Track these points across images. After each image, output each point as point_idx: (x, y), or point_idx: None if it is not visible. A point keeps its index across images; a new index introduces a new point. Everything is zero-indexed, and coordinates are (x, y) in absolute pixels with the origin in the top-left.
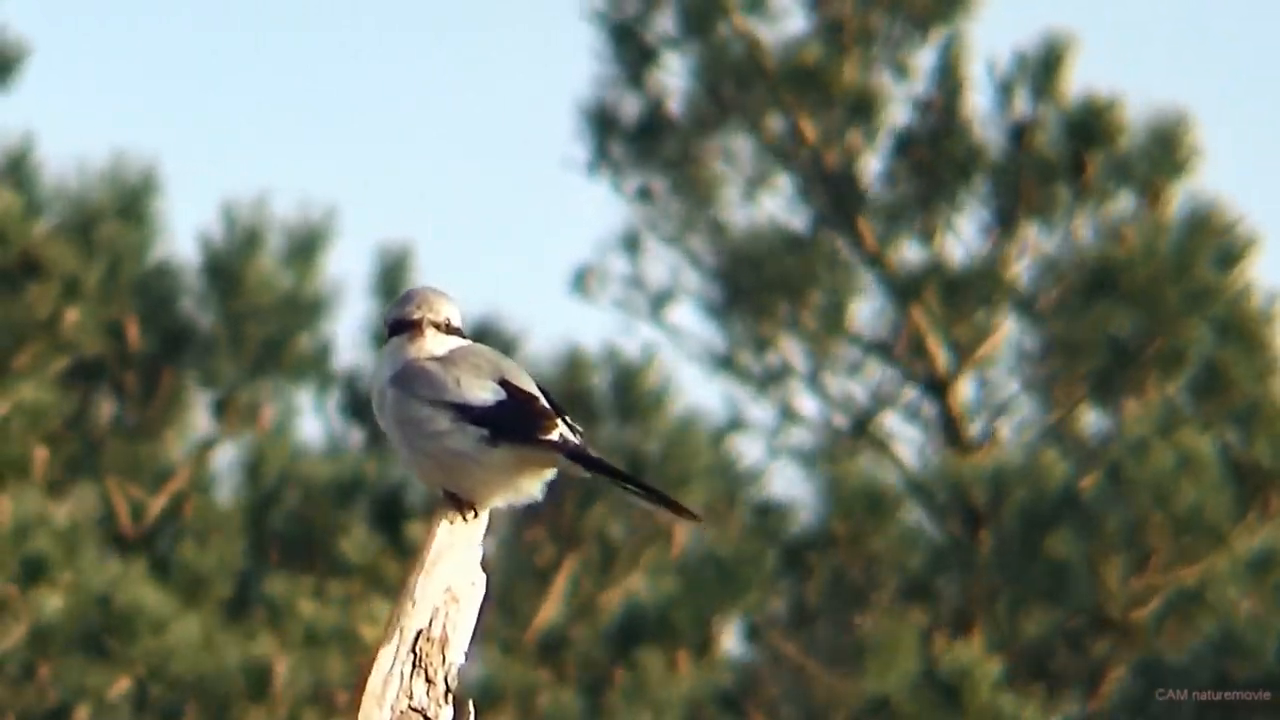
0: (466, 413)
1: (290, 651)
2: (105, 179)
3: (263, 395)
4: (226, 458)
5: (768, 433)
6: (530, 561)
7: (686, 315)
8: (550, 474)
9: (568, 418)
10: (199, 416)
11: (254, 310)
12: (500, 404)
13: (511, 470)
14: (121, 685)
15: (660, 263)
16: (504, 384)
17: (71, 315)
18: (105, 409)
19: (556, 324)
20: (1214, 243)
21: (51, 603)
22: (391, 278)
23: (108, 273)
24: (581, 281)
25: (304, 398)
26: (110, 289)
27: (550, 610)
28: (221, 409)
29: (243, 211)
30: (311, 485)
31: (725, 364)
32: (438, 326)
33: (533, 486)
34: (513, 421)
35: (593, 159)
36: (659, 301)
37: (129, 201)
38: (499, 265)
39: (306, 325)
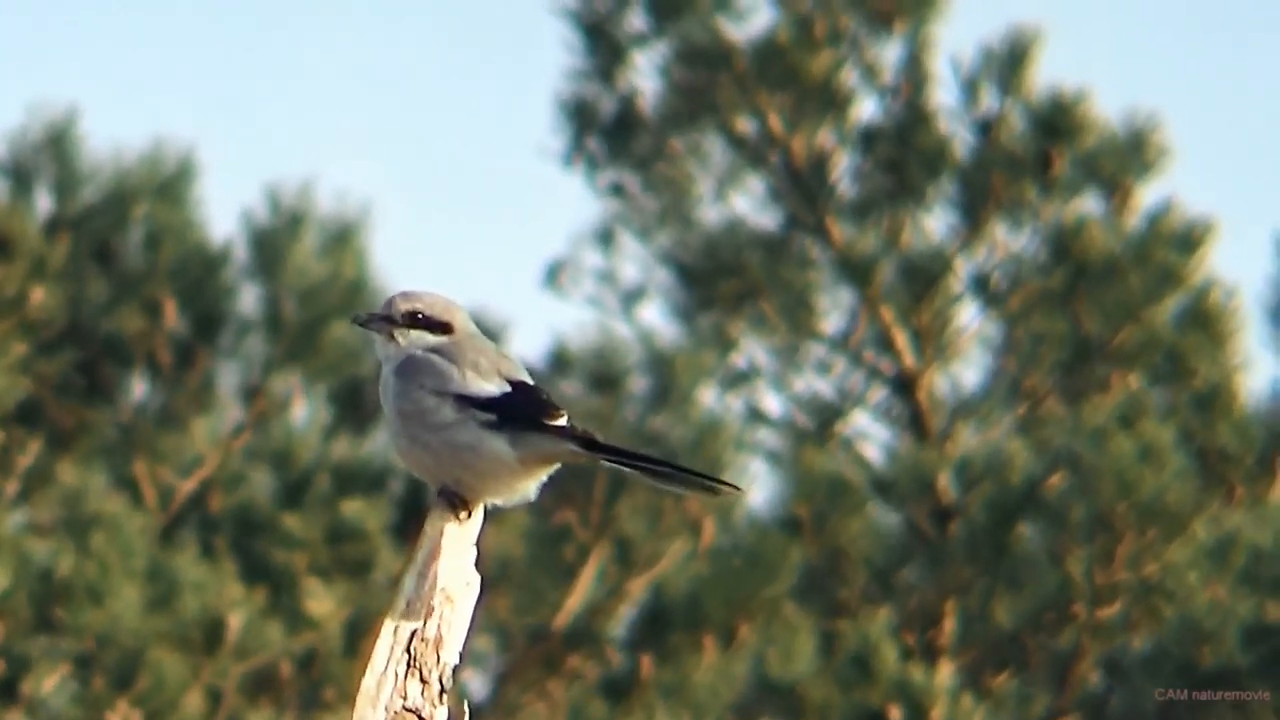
0: (472, 403)
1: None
2: (144, 161)
3: (296, 381)
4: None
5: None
6: (558, 549)
7: (656, 314)
8: (547, 472)
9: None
10: (230, 401)
11: (293, 295)
12: (506, 395)
13: (514, 462)
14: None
15: (632, 261)
16: (507, 379)
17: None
18: (136, 390)
19: (530, 317)
20: (1176, 232)
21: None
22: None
23: (144, 253)
24: (554, 276)
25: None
26: (148, 269)
27: (577, 599)
28: (252, 394)
29: (287, 196)
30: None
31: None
32: (419, 320)
33: (529, 484)
34: (519, 409)
35: (568, 151)
36: (630, 299)
37: (167, 183)
38: (475, 255)
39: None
